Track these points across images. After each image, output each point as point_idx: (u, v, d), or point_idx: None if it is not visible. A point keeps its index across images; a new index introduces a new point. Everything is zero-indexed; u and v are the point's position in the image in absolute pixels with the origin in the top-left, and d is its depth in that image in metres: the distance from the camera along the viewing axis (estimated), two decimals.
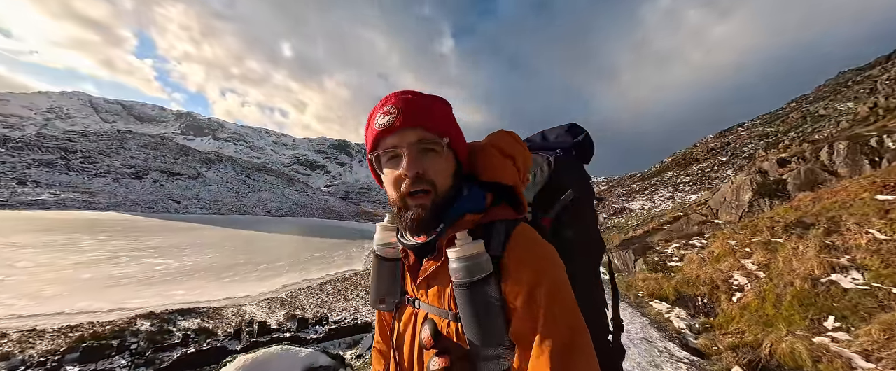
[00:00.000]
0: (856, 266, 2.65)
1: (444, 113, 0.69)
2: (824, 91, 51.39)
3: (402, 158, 0.65)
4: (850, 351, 1.99)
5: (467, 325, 0.61)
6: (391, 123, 0.65)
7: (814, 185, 6.68)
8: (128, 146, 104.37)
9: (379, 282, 0.81)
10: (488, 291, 0.60)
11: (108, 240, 41.47)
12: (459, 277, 0.61)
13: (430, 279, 0.71)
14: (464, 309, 0.61)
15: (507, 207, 0.72)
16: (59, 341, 16.73)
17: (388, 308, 0.81)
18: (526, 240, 0.64)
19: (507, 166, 0.72)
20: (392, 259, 0.80)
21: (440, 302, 0.69)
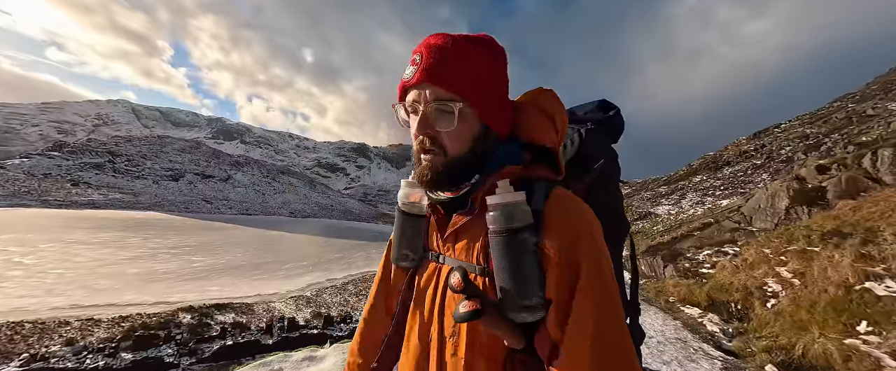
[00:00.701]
0: (891, 274, 2.76)
1: (476, 68, 0.63)
2: (874, 89, 47.84)
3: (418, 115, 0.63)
4: (880, 352, 2.16)
5: (500, 273, 0.60)
6: (412, 76, 0.63)
7: (856, 193, 6.52)
8: (166, 150, 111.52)
9: (402, 237, 0.79)
10: (526, 241, 0.58)
11: (150, 238, 44.56)
12: (498, 224, 0.59)
13: (458, 232, 0.69)
14: (499, 257, 0.59)
15: (545, 167, 0.70)
16: (114, 330, 18.31)
17: (410, 264, 0.79)
18: (568, 198, 0.64)
19: (547, 126, 0.69)
20: (417, 215, 0.78)
21: (468, 256, 0.67)
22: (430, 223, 0.78)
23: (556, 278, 0.58)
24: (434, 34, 0.64)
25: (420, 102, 0.63)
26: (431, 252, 0.76)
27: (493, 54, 0.66)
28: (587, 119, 0.95)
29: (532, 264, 0.58)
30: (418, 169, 0.67)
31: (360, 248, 53.84)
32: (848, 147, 29.92)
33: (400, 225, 0.79)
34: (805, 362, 2.46)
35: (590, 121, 0.93)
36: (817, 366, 2.37)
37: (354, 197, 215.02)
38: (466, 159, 0.65)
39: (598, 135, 0.89)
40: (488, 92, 0.65)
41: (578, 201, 0.64)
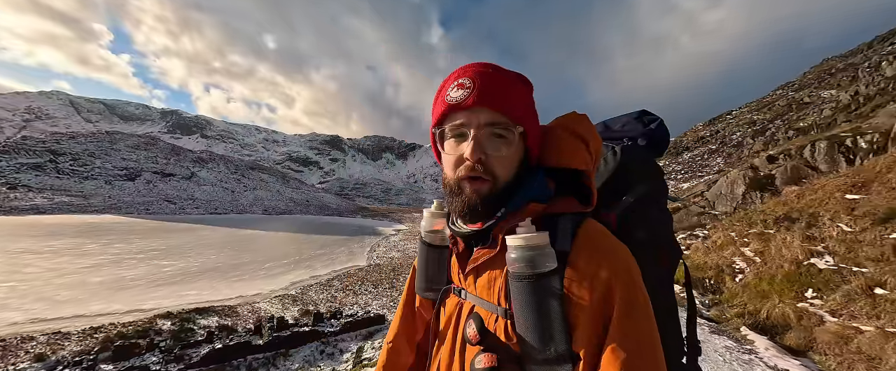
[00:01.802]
0: (828, 252, 3.56)
1: (524, 95, 0.63)
2: (809, 78, 53.05)
3: (468, 138, 0.60)
4: (822, 311, 2.90)
5: (522, 323, 0.56)
6: (464, 99, 0.60)
7: (798, 180, 7.67)
8: (117, 147, 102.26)
9: (426, 269, 0.77)
10: (551, 287, 0.54)
11: (110, 243, 41.47)
12: (519, 268, 0.56)
13: (480, 269, 0.66)
14: (520, 305, 0.56)
15: (572, 200, 0.65)
16: (87, 342, 17.33)
17: (433, 296, 0.77)
18: (597, 236, 0.58)
19: (579, 149, 0.65)
20: (439, 246, 0.76)
21: (489, 295, 0.63)
22: (452, 255, 0.74)
23: (584, 330, 0.53)
24: (476, 63, 0.63)
25: (470, 126, 0.60)
26: (454, 285, 0.72)
27: (528, 85, 0.65)
28: (624, 134, 0.88)
29: (556, 313, 0.54)
30: (461, 198, 0.62)
31: (341, 244, 53.18)
32: (788, 132, 33.35)
33: (423, 256, 0.77)
34: (769, 323, 3.19)
35: (627, 136, 0.87)
36: (778, 324, 3.09)
37: (331, 191, 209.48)
38: (509, 189, 0.62)
39: (636, 152, 0.82)
40: (535, 118, 0.65)
41: (610, 238, 0.59)
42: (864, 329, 2.50)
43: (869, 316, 2.60)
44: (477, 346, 0.57)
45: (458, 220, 0.69)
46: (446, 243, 0.76)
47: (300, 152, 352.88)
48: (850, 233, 3.61)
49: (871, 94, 27.33)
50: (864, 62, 39.84)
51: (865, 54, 45.02)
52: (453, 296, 0.71)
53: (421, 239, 0.79)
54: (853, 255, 3.32)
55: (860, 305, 2.72)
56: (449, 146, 0.63)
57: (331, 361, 17.64)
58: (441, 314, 0.74)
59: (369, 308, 25.69)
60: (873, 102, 24.25)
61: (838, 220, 3.93)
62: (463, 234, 0.67)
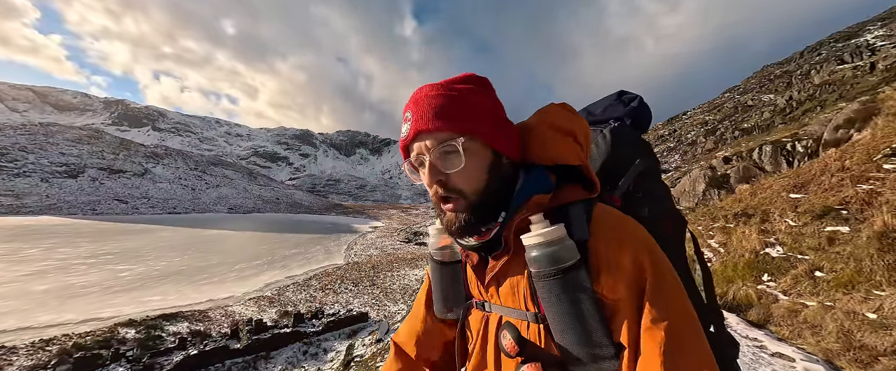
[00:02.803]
0: (779, 243, 4.32)
1: (469, 101, 0.61)
2: (751, 83, 58.60)
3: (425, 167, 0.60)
4: (776, 291, 3.59)
5: (557, 324, 0.52)
6: (408, 133, 0.61)
7: (749, 178, 8.80)
8: (54, 141, 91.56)
9: (441, 288, 0.74)
10: (579, 281, 0.51)
11: (53, 248, 37.58)
12: (542, 267, 0.53)
13: (499, 277, 0.63)
14: (551, 305, 0.53)
15: (576, 187, 0.62)
16: (39, 355, 15.87)
17: (455, 316, 0.74)
18: (612, 218, 0.56)
19: (568, 144, 0.62)
20: (451, 262, 0.74)
21: (515, 301, 0.60)
22: (467, 268, 0.72)
23: (622, 317, 0.51)
24: (417, 89, 0.63)
25: (424, 154, 0.60)
26: (476, 301, 0.70)
27: (480, 85, 0.64)
28: (607, 117, 0.88)
29: (590, 307, 0.51)
30: (444, 220, 0.63)
31: (316, 242, 51.74)
32: (735, 132, 36.88)
33: (436, 275, 0.75)
34: (735, 302, 3.85)
35: (611, 118, 0.87)
36: (742, 304, 3.75)
37: (302, 188, 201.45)
38: (488, 195, 0.60)
39: (624, 132, 0.82)
40: (487, 118, 0.62)
41: (624, 217, 0.58)
42: (808, 304, 3.17)
43: (811, 293, 3.29)
44: (516, 357, 0.56)
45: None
46: (458, 258, 0.74)
47: (267, 147, 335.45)
48: (795, 227, 4.40)
49: (802, 99, 30.84)
50: (797, 70, 44.64)
51: (798, 63, 50.43)
52: (476, 310, 0.69)
53: (431, 258, 0.76)
54: (798, 245, 4.08)
55: (805, 286, 3.42)
56: (422, 175, 0.64)
57: (315, 361, 17.44)
58: (466, 332, 0.72)
59: (351, 306, 25.47)
60: (804, 107, 27.48)
61: (785, 216, 4.74)
62: (472, 247, 0.65)
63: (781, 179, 6.47)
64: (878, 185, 4.25)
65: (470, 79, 0.64)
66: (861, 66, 27.72)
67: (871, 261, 3.16)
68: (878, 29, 38.95)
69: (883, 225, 3.37)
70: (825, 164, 5.67)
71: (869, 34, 38.06)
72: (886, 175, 4.35)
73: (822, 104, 23.84)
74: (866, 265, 3.16)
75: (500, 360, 0.62)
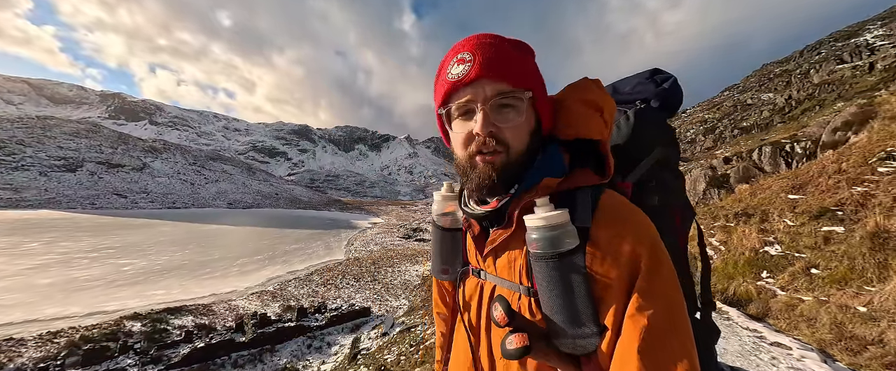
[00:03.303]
0: (777, 241, 4.56)
1: (528, 62, 0.61)
2: (751, 82, 58.88)
3: (476, 114, 0.58)
4: (775, 287, 3.83)
5: (548, 302, 0.55)
6: (465, 73, 0.57)
7: (748, 178, 9.03)
8: (53, 134, 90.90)
9: (440, 252, 0.76)
10: (574, 265, 0.53)
11: (54, 241, 37.64)
12: (541, 248, 0.54)
13: (498, 250, 0.64)
14: (545, 284, 0.55)
15: (587, 172, 0.62)
16: (48, 347, 16.10)
17: (450, 277, 0.76)
18: (617, 207, 0.57)
19: (594, 117, 0.62)
20: (453, 229, 0.75)
21: (511, 274, 0.62)
22: (466, 236, 0.74)
23: (610, 302, 0.52)
24: (475, 35, 0.61)
25: (477, 100, 0.57)
26: (472, 267, 0.72)
27: (531, 52, 0.63)
28: (635, 96, 0.84)
29: (582, 290, 0.52)
30: (475, 174, 0.61)
31: (316, 238, 51.94)
32: (734, 131, 37.14)
33: (437, 239, 0.77)
34: (736, 297, 4.09)
35: (639, 98, 0.83)
36: (743, 299, 3.99)
37: (300, 183, 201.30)
38: (524, 159, 0.60)
39: (649, 116, 0.78)
40: (541, 85, 0.62)
41: (630, 208, 0.58)
42: (804, 299, 3.41)
43: (807, 289, 3.53)
44: (506, 328, 0.56)
45: (471, 201, 0.68)
46: (459, 225, 0.75)
47: (266, 142, 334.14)
48: (793, 226, 4.64)
49: (801, 98, 31.07)
50: (796, 69, 44.81)
51: (797, 62, 50.68)
52: (472, 277, 0.71)
53: (433, 223, 0.78)
54: (795, 243, 4.31)
55: (801, 282, 3.66)
56: (457, 125, 0.62)
57: (319, 355, 17.75)
58: (461, 296, 0.74)
59: (353, 301, 25.77)
60: (803, 106, 27.70)
61: (784, 216, 4.97)
62: (476, 215, 0.65)
63: (780, 180, 6.70)
64: (872, 188, 4.48)
65: (525, 44, 0.64)
66: (860, 66, 27.94)
67: (863, 259, 3.40)
68: (877, 29, 39.12)
69: (875, 226, 3.60)
70: (823, 166, 5.90)
71: (868, 34, 38.25)
72: (881, 178, 4.58)
73: (820, 103, 24.06)
74: (859, 263, 3.40)
75: (490, 328, 0.65)
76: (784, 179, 6.61)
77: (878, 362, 2.26)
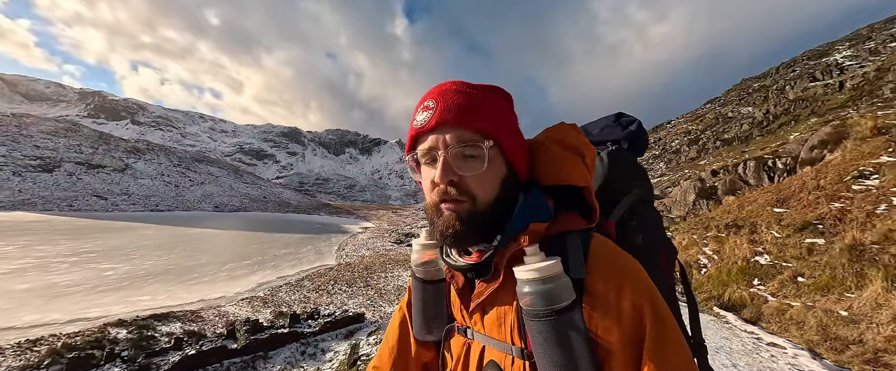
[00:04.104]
0: (766, 252, 5.01)
1: (494, 106, 0.59)
2: (731, 95, 61.60)
3: (438, 162, 0.57)
4: (766, 293, 4.24)
5: (547, 364, 0.50)
6: (427, 121, 0.57)
7: (734, 191, 9.64)
8: (28, 133, 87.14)
9: (423, 309, 0.70)
10: (573, 324, 0.49)
11: (31, 245, 36.10)
12: (535, 305, 0.50)
13: (486, 305, 0.61)
14: (542, 346, 0.50)
15: (574, 216, 0.60)
16: (28, 356, 15.47)
17: (434, 338, 0.70)
18: (611, 256, 0.55)
19: (577, 164, 0.61)
20: (435, 281, 0.69)
21: (501, 334, 0.58)
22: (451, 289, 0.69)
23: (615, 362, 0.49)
24: (442, 82, 0.60)
25: (439, 148, 0.57)
26: (458, 325, 0.67)
27: (505, 96, 0.63)
28: (605, 138, 0.86)
29: (582, 350, 0.49)
30: (440, 221, 0.58)
31: (306, 242, 51.20)
32: (716, 142, 38.72)
33: (418, 294, 0.71)
34: (730, 303, 4.48)
35: (609, 140, 0.85)
36: (737, 304, 4.39)
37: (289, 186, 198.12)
38: (495, 208, 0.58)
39: (622, 156, 0.80)
40: (511, 130, 0.60)
41: (623, 255, 0.56)
42: (793, 304, 3.82)
43: (795, 296, 3.95)
44: None
45: (453, 252, 0.65)
46: (442, 277, 0.70)
47: (253, 144, 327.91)
48: (780, 238, 5.10)
49: (778, 113, 32.73)
50: (773, 85, 47.12)
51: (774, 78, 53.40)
52: (458, 335, 0.67)
53: (413, 275, 0.72)
54: (783, 254, 4.76)
55: (789, 289, 4.07)
56: (424, 171, 0.61)
57: (314, 361, 17.52)
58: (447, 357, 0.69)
59: (346, 307, 25.52)
60: (780, 120, 29.25)
61: (771, 228, 5.44)
62: (460, 267, 0.62)
63: (765, 194, 7.25)
64: (847, 204, 4.99)
65: (496, 88, 0.63)
66: (831, 85, 29.74)
67: (843, 269, 3.84)
68: (846, 49, 41.64)
69: (852, 239, 4.06)
70: (803, 182, 6.45)
71: (838, 53, 40.68)
72: (855, 195, 5.10)
73: (796, 119, 25.48)
74: (839, 272, 3.83)
75: None
76: (768, 193, 7.16)
77: (860, 359, 2.64)
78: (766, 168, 9.62)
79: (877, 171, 5.53)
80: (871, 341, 2.78)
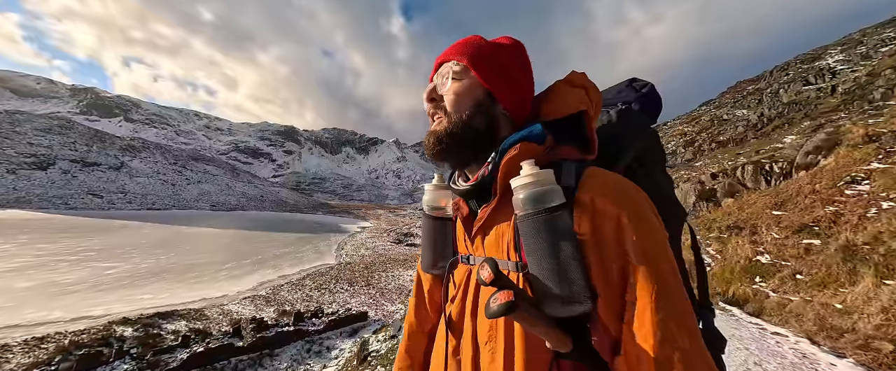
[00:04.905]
0: (767, 252, 5.40)
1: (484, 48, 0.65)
2: (726, 98, 62.50)
3: None
4: (768, 289, 4.63)
5: (535, 264, 0.53)
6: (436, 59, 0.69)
7: (733, 193, 10.07)
8: (22, 130, 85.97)
9: (431, 243, 0.76)
10: (562, 224, 0.51)
11: (30, 243, 35.85)
12: (527, 207, 0.53)
13: (486, 227, 0.64)
14: (533, 245, 0.53)
15: (572, 149, 0.63)
16: (36, 353, 15.60)
17: (440, 271, 0.77)
18: (606, 176, 0.56)
19: (578, 93, 0.64)
20: (443, 218, 0.76)
21: (499, 250, 0.62)
22: (457, 226, 0.74)
23: (602, 263, 0.51)
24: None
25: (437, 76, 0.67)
26: (461, 255, 0.72)
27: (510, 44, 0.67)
28: (618, 99, 0.86)
29: (570, 249, 0.51)
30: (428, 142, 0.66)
31: (306, 241, 51.31)
32: (712, 144, 39.41)
33: (427, 230, 0.78)
34: (734, 299, 4.84)
35: (621, 101, 0.85)
36: (740, 300, 4.76)
37: (286, 185, 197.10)
38: (469, 128, 0.62)
39: (631, 114, 0.80)
40: (495, 64, 0.64)
41: (618, 177, 0.57)
42: (792, 299, 4.20)
43: (794, 291, 4.33)
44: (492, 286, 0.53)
45: (459, 180, 0.71)
46: (449, 215, 0.76)
47: (249, 142, 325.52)
48: (779, 239, 5.50)
49: (772, 116, 33.46)
50: (767, 88, 47.93)
51: (768, 81, 54.26)
52: (462, 265, 0.71)
53: (424, 214, 0.78)
54: (782, 253, 5.15)
55: (789, 285, 4.46)
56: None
57: (320, 359, 17.81)
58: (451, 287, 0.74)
59: (349, 306, 25.80)
60: (774, 123, 29.94)
61: (770, 230, 5.85)
62: (462, 190, 0.66)
63: (763, 197, 7.66)
64: (841, 207, 5.40)
65: (504, 38, 0.69)
66: (824, 89, 30.48)
67: (837, 267, 4.23)
68: (838, 53, 42.57)
69: (846, 240, 4.46)
70: (799, 187, 6.87)
71: (830, 58, 41.57)
72: (848, 199, 5.51)
73: (789, 122, 26.13)
74: (834, 270, 4.22)
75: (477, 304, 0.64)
76: (767, 196, 7.58)
77: (852, 345, 3.01)
78: (763, 172, 10.06)
79: (867, 177, 5.95)
80: (862, 330, 3.16)
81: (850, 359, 2.86)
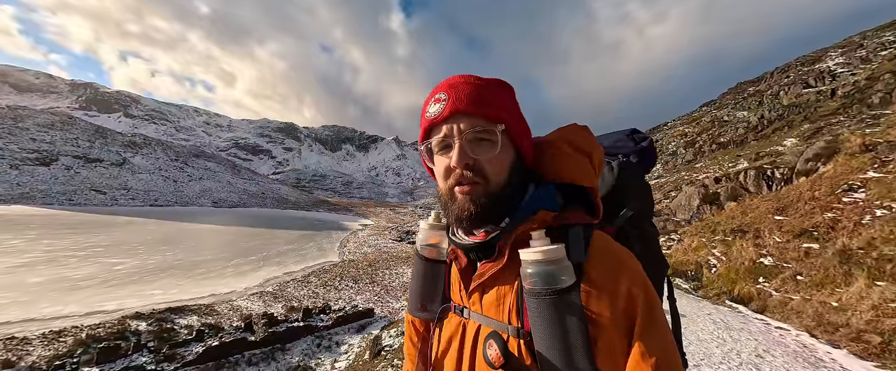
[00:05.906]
0: (769, 254, 5.84)
1: (502, 97, 0.63)
2: (727, 99, 62.84)
3: (453, 148, 0.60)
4: (771, 289, 5.08)
5: (543, 342, 0.53)
6: (441, 111, 0.60)
7: (736, 197, 10.50)
8: (24, 125, 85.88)
9: (421, 286, 0.74)
10: (571, 303, 0.52)
11: (37, 239, 36.22)
12: (537, 285, 0.53)
13: (486, 285, 0.63)
14: (541, 324, 0.53)
15: (579, 211, 0.63)
16: (56, 346, 16.04)
17: (429, 316, 0.73)
18: (610, 248, 0.58)
19: (584, 164, 0.64)
20: (437, 261, 0.73)
21: (498, 313, 0.61)
22: (451, 271, 0.72)
23: (607, 343, 0.52)
24: (451, 77, 0.64)
25: (453, 136, 0.60)
26: (455, 304, 0.69)
27: (509, 89, 0.65)
28: (617, 150, 0.89)
29: (577, 330, 0.52)
30: (455, 206, 0.61)
31: (309, 239, 51.73)
32: (712, 145, 39.82)
33: (418, 272, 0.75)
34: (739, 298, 5.28)
35: (620, 153, 0.88)
36: (745, 298, 5.21)
37: (286, 183, 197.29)
38: (507, 190, 0.61)
39: (631, 169, 0.84)
40: (517, 118, 0.63)
41: (622, 249, 0.59)
42: (793, 298, 4.64)
43: (795, 291, 4.77)
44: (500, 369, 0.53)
45: (459, 232, 0.68)
46: (444, 258, 0.73)
47: (249, 139, 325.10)
48: (781, 242, 5.94)
49: (772, 118, 33.86)
50: (767, 90, 48.29)
51: (769, 82, 54.62)
52: (454, 315, 0.69)
53: (417, 253, 0.76)
54: (784, 256, 5.59)
55: (790, 285, 4.90)
56: (437, 160, 0.64)
57: (330, 353, 18.30)
58: (438, 338, 0.71)
59: (355, 302, 26.29)
60: (774, 125, 30.35)
61: (773, 233, 6.29)
62: (465, 246, 0.65)
63: (765, 202, 8.11)
64: (838, 214, 5.84)
65: (501, 81, 0.66)
66: (823, 91, 30.89)
67: (834, 269, 4.67)
68: (838, 56, 42.92)
69: (842, 245, 4.90)
70: (800, 193, 7.31)
71: (830, 60, 41.92)
72: (845, 206, 5.95)
73: (789, 124, 26.56)
74: (831, 272, 4.66)
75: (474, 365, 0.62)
76: (769, 201, 8.01)
77: (846, 338, 3.45)
78: (765, 177, 10.50)
79: (863, 185, 6.39)
80: (855, 324, 3.60)
81: (844, 349, 3.30)
